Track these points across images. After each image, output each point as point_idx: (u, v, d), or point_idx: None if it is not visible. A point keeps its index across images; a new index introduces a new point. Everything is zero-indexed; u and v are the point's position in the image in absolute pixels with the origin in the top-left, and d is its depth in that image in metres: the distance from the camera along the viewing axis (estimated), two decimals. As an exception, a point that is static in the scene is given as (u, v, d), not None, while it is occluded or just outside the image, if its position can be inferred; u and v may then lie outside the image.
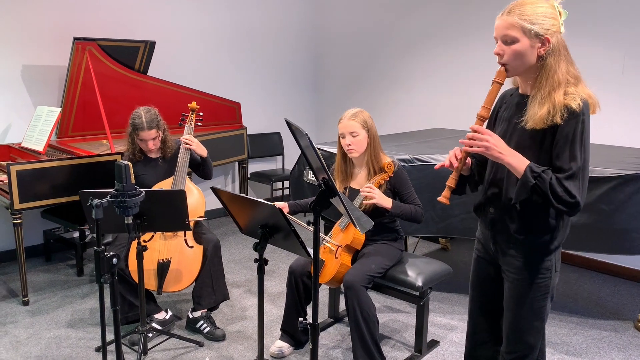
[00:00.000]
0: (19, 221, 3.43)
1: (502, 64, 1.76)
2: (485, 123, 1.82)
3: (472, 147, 1.75)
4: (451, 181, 1.87)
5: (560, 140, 1.69)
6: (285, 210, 2.85)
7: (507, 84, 1.90)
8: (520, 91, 1.85)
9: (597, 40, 4.08)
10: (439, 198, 1.87)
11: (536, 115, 1.70)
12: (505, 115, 1.89)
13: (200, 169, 3.38)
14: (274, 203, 2.77)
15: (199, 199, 3.22)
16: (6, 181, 3.44)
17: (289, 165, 5.88)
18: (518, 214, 1.81)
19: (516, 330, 1.90)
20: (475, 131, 1.74)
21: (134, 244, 2.80)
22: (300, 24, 6.19)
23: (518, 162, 1.70)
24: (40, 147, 3.76)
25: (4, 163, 3.56)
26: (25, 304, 3.55)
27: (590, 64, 4.09)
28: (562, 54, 1.71)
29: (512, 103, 1.87)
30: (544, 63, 1.71)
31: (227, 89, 5.53)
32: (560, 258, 1.89)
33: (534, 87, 1.74)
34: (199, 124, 3.37)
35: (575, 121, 1.66)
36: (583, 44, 4.12)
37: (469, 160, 1.93)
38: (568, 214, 1.73)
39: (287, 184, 5.85)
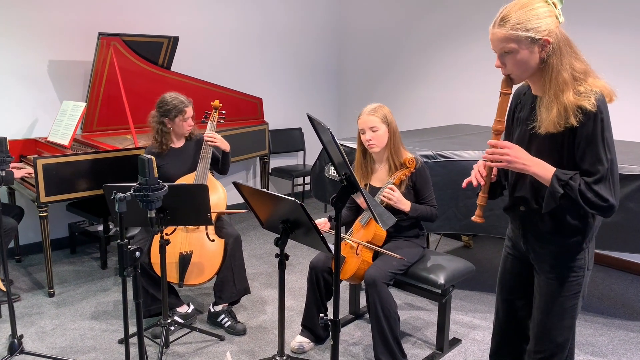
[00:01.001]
0: (45, 214, 3.49)
1: (506, 75, 1.71)
2: (503, 135, 1.78)
3: (493, 162, 1.71)
4: (481, 199, 1.84)
5: (581, 143, 1.64)
6: (327, 227, 2.83)
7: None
8: (532, 92, 1.80)
9: (623, 30, 3.98)
10: (473, 218, 1.85)
11: (546, 120, 1.65)
12: (521, 116, 1.84)
13: (219, 163, 3.40)
14: (318, 221, 2.76)
15: (220, 194, 3.24)
16: (33, 174, 3.50)
17: (310, 161, 5.88)
18: (548, 213, 1.77)
19: (546, 329, 1.86)
20: (493, 146, 1.70)
21: (157, 238, 2.83)
22: (323, 19, 6.17)
23: (544, 171, 1.66)
24: (65, 142, 3.82)
25: (31, 157, 3.63)
26: (51, 295, 3.61)
27: (617, 57, 4.00)
28: (565, 51, 1.64)
29: (527, 104, 1.82)
30: (547, 64, 1.65)
31: (249, 84, 5.54)
32: (593, 256, 1.85)
33: (541, 89, 1.69)
34: (222, 121, 3.40)
35: (593, 122, 1.60)
36: (606, 37, 4.03)
37: (495, 169, 1.89)
38: (603, 216, 1.68)
39: (308, 179, 5.86)
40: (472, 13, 4.97)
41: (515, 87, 1.82)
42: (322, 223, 2.83)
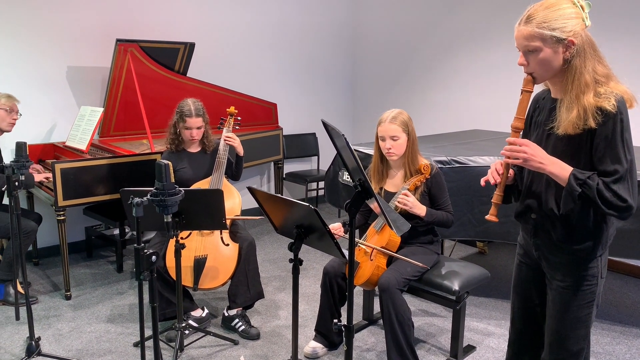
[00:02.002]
0: (62, 218, 3.54)
1: (529, 73, 1.71)
2: (521, 133, 1.77)
3: (510, 158, 1.71)
4: (497, 198, 1.83)
5: (600, 144, 1.63)
6: (341, 232, 2.83)
7: (540, 85, 1.85)
8: (552, 95, 1.79)
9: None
10: (487, 217, 1.83)
11: (565, 120, 1.64)
12: (539, 120, 1.83)
13: (232, 168, 3.43)
14: (330, 225, 2.76)
15: (235, 199, 3.26)
16: (51, 178, 3.56)
17: (324, 166, 5.89)
18: (560, 220, 1.75)
19: (559, 337, 1.85)
20: (511, 143, 1.70)
21: (172, 242, 2.85)
22: (338, 24, 6.19)
23: (560, 170, 1.65)
24: (83, 146, 3.87)
25: (49, 161, 3.69)
26: (68, 298, 3.66)
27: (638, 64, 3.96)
28: (589, 53, 1.63)
29: (545, 107, 1.81)
30: (570, 66, 1.64)
31: (263, 89, 5.58)
32: (607, 264, 1.83)
33: (562, 90, 1.69)
34: (237, 127, 3.43)
35: (613, 122, 1.59)
36: (627, 44, 3.99)
37: (511, 171, 1.88)
38: (620, 218, 1.66)
39: (322, 184, 5.87)
40: (488, 19, 4.95)
41: (535, 92, 1.82)
42: (336, 228, 2.83)
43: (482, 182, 1.89)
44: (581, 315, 1.80)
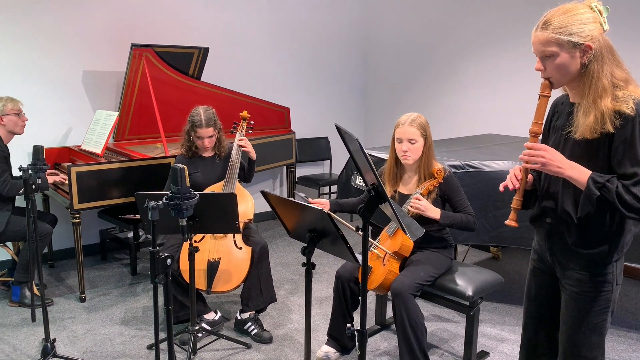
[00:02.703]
0: (77, 221, 3.58)
1: (546, 78, 1.70)
2: (540, 138, 1.77)
3: (529, 163, 1.70)
4: (516, 203, 1.82)
5: (619, 147, 1.61)
6: (326, 208, 2.83)
7: (559, 90, 1.84)
8: (570, 99, 1.78)
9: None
10: (506, 222, 1.82)
11: (582, 125, 1.63)
12: (557, 124, 1.82)
13: (244, 170, 3.45)
14: (315, 200, 2.78)
15: (248, 202, 3.27)
16: (67, 182, 3.60)
17: (337, 170, 5.89)
18: (575, 225, 1.74)
19: (574, 344, 1.83)
20: (530, 148, 1.69)
21: (186, 245, 2.87)
22: (350, 28, 6.20)
23: (579, 174, 1.63)
24: (98, 150, 3.91)
25: (65, 164, 3.73)
26: (82, 300, 3.69)
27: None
28: (607, 58, 1.63)
29: (564, 112, 1.80)
30: (587, 70, 1.64)
31: (276, 93, 5.60)
32: (622, 270, 1.81)
33: (580, 95, 1.68)
34: (250, 131, 3.44)
35: (632, 125, 1.58)
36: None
37: (530, 176, 1.87)
38: None
39: (334, 188, 5.86)
40: (502, 22, 4.93)
41: (552, 98, 1.81)
42: (322, 203, 2.81)
43: (501, 187, 1.88)
44: (596, 322, 1.78)
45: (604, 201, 1.60)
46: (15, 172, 3.76)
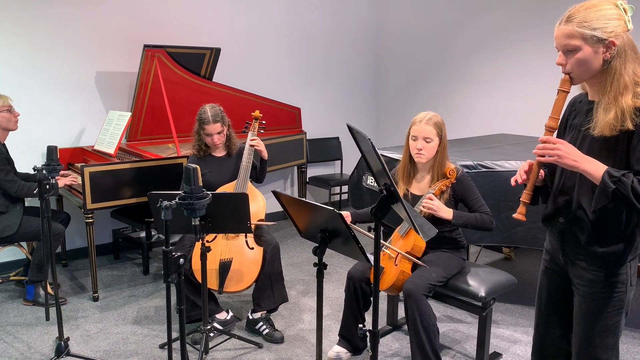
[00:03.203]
0: (90, 220, 3.61)
1: (566, 73, 1.69)
2: (555, 134, 1.75)
3: (544, 156, 1.68)
4: (525, 196, 1.80)
5: (638, 145, 1.60)
6: (348, 219, 2.84)
7: (577, 89, 1.82)
8: (589, 97, 1.77)
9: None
10: (514, 215, 1.81)
11: (602, 121, 1.62)
12: (575, 122, 1.81)
13: (256, 170, 3.46)
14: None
15: (260, 202, 3.28)
16: (78, 182, 3.63)
17: (347, 170, 5.88)
18: (589, 224, 1.72)
19: (587, 346, 1.81)
20: (545, 142, 1.68)
21: (198, 245, 2.88)
22: (361, 27, 6.19)
23: (595, 169, 1.62)
24: (111, 150, 3.94)
25: (78, 165, 3.76)
26: (95, 299, 3.72)
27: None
28: (629, 55, 1.62)
29: (582, 110, 1.79)
30: (609, 67, 1.63)
31: (287, 93, 5.61)
32: (637, 271, 1.79)
33: (600, 92, 1.67)
34: (262, 131, 3.45)
35: None
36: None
37: (541, 172, 1.85)
38: None
39: (345, 188, 5.86)
40: (516, 20, 4.90)
41: (573, 94, 1.80)
42: (346, 216, 2.82)
43: (512, 181, 1.87)
44: (609, 323, 1.76)
45: (619, 196, 1.58)
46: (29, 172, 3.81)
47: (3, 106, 3.53)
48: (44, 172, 2.68)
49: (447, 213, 2.64)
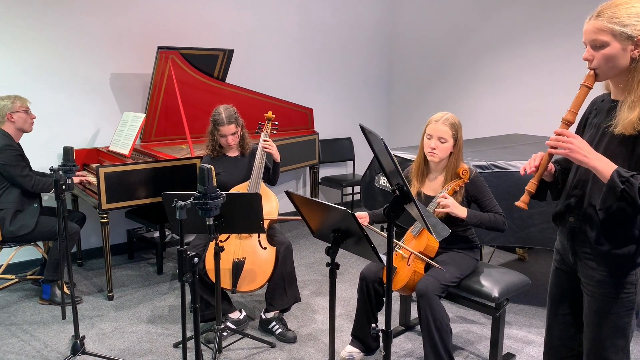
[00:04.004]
0: (105, 220, 3.65)
1: (592, 69, 1.67)
2: (571, 128, 1.74)
3: (556, 148, 1.67)
4: (531, 186, 1.79)
5: None
6: (366, 221, 2.85)
7: (599, 89, 1.81)
8: (612, 96, 1.75)
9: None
10: (517, 203, 1.80)
11: (626, 119, 1.61)
12: (595, 121, 1.79)
13: (269, 173, 3.48)
14: (357, 213, 2.78)
15: (273, 202, 3.29)
16: (93, 181, 3.67)
17: (360, 170, 5.89)
18: (599, 223, 1.71)
19: (598, 347, 1.80)
20: (559, 134, 1.67)
21: (212, 245, 2.91)
22: (374, 27, 6.19)
23: (604, 167, 1.61)
24: (126, 151, 3.98)
25: (94, 165, 3.80)
26: (110, 299, 3.76)
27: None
28: None
29: (603, 109, 1.77)
30: (637, 65, 1.61)
31: (299, 94, 5.62)
32: None
33: (625, 90, 1.65)
34: (275, 132, 3.47)
35: None
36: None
37: (552, 166, 1.85)
38: None
39: (357, 189, 5.86)
40: (529, 21, 4.87)
41: (594, 94, 1.78)
42: (362, 217, 2.82)
43: (522, 170, 1.87)
44: (620, 324, 1.74)
45: (626, 196, 1.57)
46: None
47: (21, 107, 3.59)
48: (60, 172, 2.71)
49: (461, 211, 2.63)
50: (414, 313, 3.31)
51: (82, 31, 4.34)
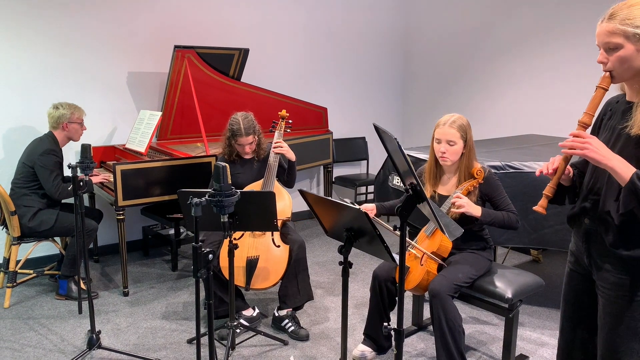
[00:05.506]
0: (122, 217, 3.69)
1: (607, 71, 1.66)
2: (588, 130, 1.73)
3: (572, 149, 1.66)
4: (549, 190, 1.78)
5: None
6: (373, 213, 2.85)
7: (614, 90, 1.79)
8: (627, 98, 1.73)
9: None
10: (535, 207, 1.79)
11: None
12: (610, 123, 1.78)
13: (285, 174, 3.48)
14: (363, 206, 2.79)
15: (286, 201, 3.31)
16: (110, 180, 3.72)
17: (373, 170, 5.89)
18: (615, 226, 1.69)
19: (612, 350, 1.78)
20: (576, 136, 1.66)
21: (226, 242, 2.93)
22: (389, 27, 6.19)
23: (622, 168, 1.59)
24: (142, 149, 4.03)
25: (110, 163, 3.85)
26: (126, 294, 3.81)
27: None
28: None
29: (618, 111, 1.75)
30: None
31: (313, 93, 5.64)
32: None
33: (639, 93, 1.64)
34: (288, 130, 3.48)
35: None
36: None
37: (570, 169, 1.83)
38: None
39: (371, 188, 5.86)
40: (545, 22, 4.83)
41: (609, 95, 1.77)
42: (370, 209, 2.82)
43: (537, 172, 1.86)
44: (635, 327, 1.73)
45: None
46: (66, 170, 3.92)
47: (78, 118, 3.73)
48: (78, 169, 2.76)
49: (475, 210, 2.63)
50: (426, 313, 3.31)
51: (99, 31, 4.40)
